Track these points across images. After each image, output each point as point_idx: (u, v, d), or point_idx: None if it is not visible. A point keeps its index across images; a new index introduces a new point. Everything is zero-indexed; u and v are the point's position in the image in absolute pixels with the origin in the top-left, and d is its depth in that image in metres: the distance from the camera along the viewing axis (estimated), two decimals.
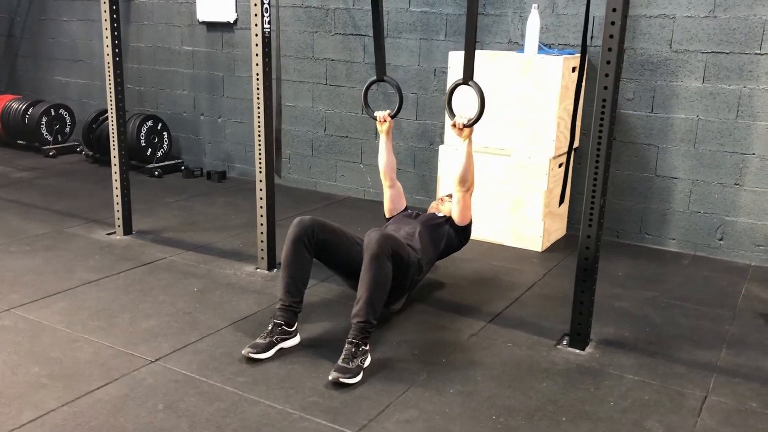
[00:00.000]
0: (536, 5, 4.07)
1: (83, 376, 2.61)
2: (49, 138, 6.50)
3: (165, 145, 6.05)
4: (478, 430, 2.35)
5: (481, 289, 3.62)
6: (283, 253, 2.93)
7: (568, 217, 4.56)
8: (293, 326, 2.88)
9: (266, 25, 3.50)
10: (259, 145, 3.64)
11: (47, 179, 5.67)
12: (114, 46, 4.03)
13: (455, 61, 4.27)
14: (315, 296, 3.41)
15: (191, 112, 6.07)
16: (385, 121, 3.36)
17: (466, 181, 3.27)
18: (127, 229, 4.29)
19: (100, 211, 4.68)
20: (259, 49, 3.51)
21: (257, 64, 3.54)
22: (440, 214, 3.56)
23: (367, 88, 3.36)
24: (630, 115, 4.27)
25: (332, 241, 2.98)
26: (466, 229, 3.49)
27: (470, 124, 3.08)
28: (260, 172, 3.67)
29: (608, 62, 2.70)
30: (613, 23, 2.66)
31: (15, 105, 6.57)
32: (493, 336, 3.06)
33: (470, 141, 3.17)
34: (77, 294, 3.37)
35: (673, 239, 4.29)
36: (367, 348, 2.73)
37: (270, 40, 3.54)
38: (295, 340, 2.90)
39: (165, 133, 6.04)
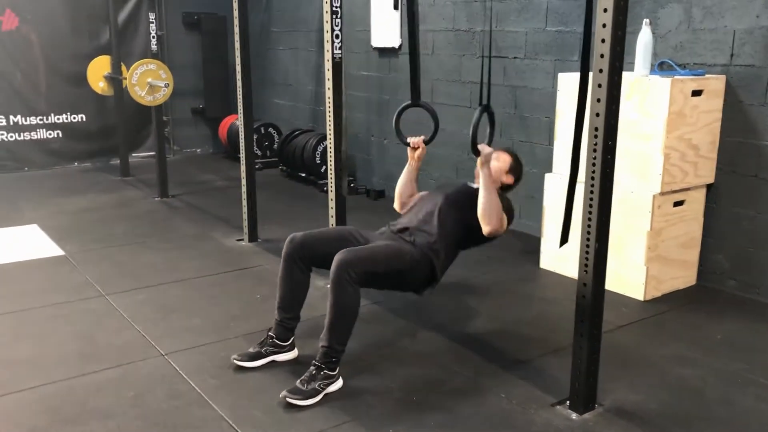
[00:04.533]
0: (647, 21, 3.57)
1: (101, 357, 3.00)
2: (259, 153, 7.35)
3: None
4: None
5: (527, 331, 3.30)
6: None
7: (700, 265, 3.88)
8: (287, 341, 2.95)
9: (336, 51, 3.64)
10: (331, 163, 3.77)
11: (238, 189, 6.43)
12: (244, 65, 4.53)
13: (564, 83, 3.94)
14: None
15: (364, 133, 6.40)
16: (418, 147, 3.25)
17: (485, 218, 2.92)
18: (253, 237, 4.73)
19: None
20: (330, 74, 3.66)
21: (329, 88, 3.69)
22: (475, 185, 3.15)
23: (400, 112, 3.26)
24: None
25: (325, 251, 2.90)
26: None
27: (476, 152, 2.81)
28: (331, 190, 3.80)
29: (600, 85, 2.35)
30: (603, 41, 2.29)
31: (237, 123, 7.57)
32: (491, 384, 2.79)
33: (487, 169, 2.91)
34: (161, 290, 3.82)
35: None
36: (334, 373, 2.69)
37: (341, 66, 3.66)
38: (290, 355, 2.97)
39: None
